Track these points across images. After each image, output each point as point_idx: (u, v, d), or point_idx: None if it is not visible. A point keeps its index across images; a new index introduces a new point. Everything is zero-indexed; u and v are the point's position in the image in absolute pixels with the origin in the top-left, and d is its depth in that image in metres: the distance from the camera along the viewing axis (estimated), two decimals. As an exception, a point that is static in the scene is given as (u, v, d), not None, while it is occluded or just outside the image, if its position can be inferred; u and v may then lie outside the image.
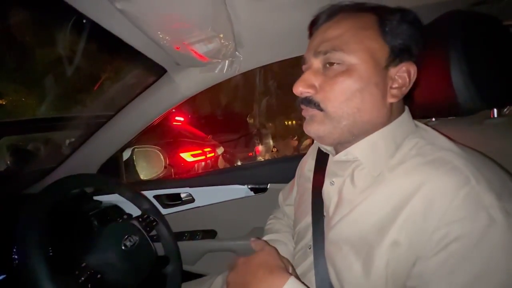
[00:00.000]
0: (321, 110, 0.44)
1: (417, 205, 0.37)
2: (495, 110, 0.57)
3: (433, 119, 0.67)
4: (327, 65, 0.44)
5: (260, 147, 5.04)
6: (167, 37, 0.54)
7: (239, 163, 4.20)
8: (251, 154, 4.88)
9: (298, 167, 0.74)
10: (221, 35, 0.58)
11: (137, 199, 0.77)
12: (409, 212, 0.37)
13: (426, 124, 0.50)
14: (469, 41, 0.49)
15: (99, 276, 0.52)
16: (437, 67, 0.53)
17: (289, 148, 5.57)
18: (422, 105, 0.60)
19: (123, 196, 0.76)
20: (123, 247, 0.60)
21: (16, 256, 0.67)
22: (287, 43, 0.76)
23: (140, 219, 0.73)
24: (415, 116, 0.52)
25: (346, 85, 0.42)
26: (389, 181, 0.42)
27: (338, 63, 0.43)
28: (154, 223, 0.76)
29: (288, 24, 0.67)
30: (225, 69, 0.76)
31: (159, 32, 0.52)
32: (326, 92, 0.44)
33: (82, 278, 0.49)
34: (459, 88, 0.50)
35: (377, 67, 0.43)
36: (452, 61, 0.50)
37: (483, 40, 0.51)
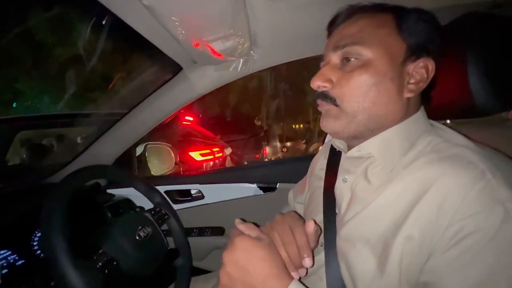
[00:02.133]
0: (337, 105, 0.45)
1: (431, 200, 0.37)
2: (513, 113, 0.57)
3: (448, 121, 0.67)
4: (345, 61, 0.45)
5: (267, 149, 5.04)
6: (187, 34, 0.56)
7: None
8: (258, 155, 4.88)
9: (310, 166, 0.74)
10: (239, 33, 0.59)
11: (151, 192, 0.79)
12: (422, 207, 0.38)
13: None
14: (487, 43, 0.49)
15: (115, 263, 0.54)
16: (455, 69, 0.53)
17: (297, 149, 5.58)
18: (439, 106, 0.60)
19: (137, 189, 0.78)
20: (137, 237, 0.61)
21: (35, 242, 0.70)
22: (302, 43, 0.77)
23: (153, 212, 0.75)
24: (431, 117, 0.52)
25: (363, 79, 0.43)
26: (403, 177, 0.42)
27: (355, 58, 0.44)
28: (166, 217, 0.77)
29: (304, 24, 0.68)
30: (240, 67, 0.78)
31: (180, 29, 0.54)
32: (343, 87, 0.45)
33: (100, 264, 0.51)
34: (476, 90, 0.50)
35: (394, 62, 0.43)
36: (469, 63, 0.50)
37: (501, 42, 0.50)
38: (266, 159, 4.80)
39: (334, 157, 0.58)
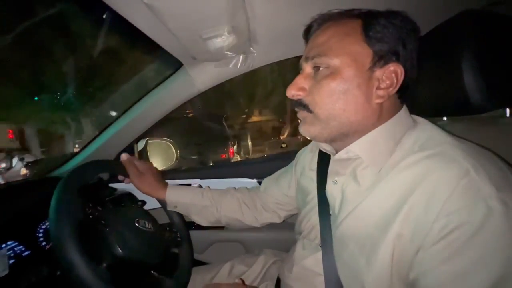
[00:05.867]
0: (311, 112, 0.48)
1: (419, 198, 0.38)
2: (508, 110, 0.58)
3: (444, 118, 0.68)
4: (316, 69, 0.48)
5: (235, 148, 4.82)
6: (187, 31, 0.57)
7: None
8: (223, 155, 4.60)
9: (296, 159, 0.76)
10: (238, 31, 0.60)
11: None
12: (411, 205, 0.39)
13: (436, 123, 0.51)
14: (482, 41, 0.50)
15: (103, 222, 0.58)
16: (450, 66, 0.54)
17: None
18: (435, 104, 0.61)
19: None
20: (136, 224, 0.64)
21: (41, 234, 0.72)
22: (301, 40, 0.77)
23: (168, 228, 0.79)
24: (427, 114, 0.52)
25: (331, 88, 0.45)
26: (392, 177, 0.43)
27: (324, 67, 0.46)
28: (178, 239, 0.81)
29: (303, 21, 0.68)
30: (239, 64, 0.78)
31: (180, 26, 0.54)
32: (314, 95, 0.47)
33: (89, 211, 0.56)
34: (472, 87, 0.50)
35: (360, 69, 0.45)
36: (465, 60, 0.50)
37: (497, 40, 0.51)
38: (237, 158, 4.55)
39: (324, 159, 0.60)
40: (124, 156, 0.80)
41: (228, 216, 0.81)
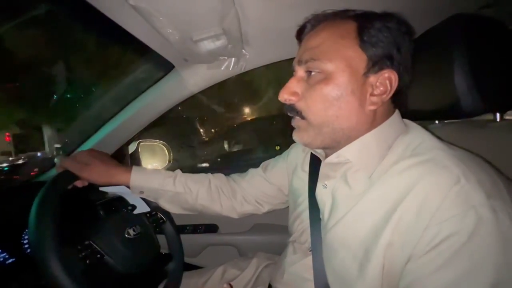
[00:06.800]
0: (303, 118, 0.47)
1: (410, 205, 0.38)
2: (498, 114, 0.58)
3: (436, 121, 0.68)
4: (309, 73, 0.46)
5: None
6: (177, 33, 0.56)
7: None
8: None
9: (289, 151, 0.75)
10: (229, 32, 0.59)
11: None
12: (402, 212, 0.38)
13: (427, 126, 0.51)
14: (473, 45, 0.50)
15: (99, 256, 0.55)
16: (441, 70, 0.54)
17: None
18: (426, 107, 0.61)
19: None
20: (126, 235, 0.62)
21: (26, 241, 0.70)
22: (294, 42, 0.77)
23: (148, 215, 0.75)
24: (418, 118, 0.52)
25: (324, 93, 0.44)
26: (383, 182, 0.42)
27: (317, 72, 0.45)
28: (161, 221, 0.78)
29: (296, 22, 0.68)
30: (232, 66, 0.78)
31: (169, 28, 0.53)
32: (307, 100, 0.46)
33: (83, 254, 0.53)
34: (462, 91, 0.51)
35: (355, 75, 0.43)
36: (455, 64, 0.50)
37: (488, 44, 0.51)
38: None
39: (315, 161, 0.59)
40: (57, 161, 0.67)
41: (204, 205, 0.75)
